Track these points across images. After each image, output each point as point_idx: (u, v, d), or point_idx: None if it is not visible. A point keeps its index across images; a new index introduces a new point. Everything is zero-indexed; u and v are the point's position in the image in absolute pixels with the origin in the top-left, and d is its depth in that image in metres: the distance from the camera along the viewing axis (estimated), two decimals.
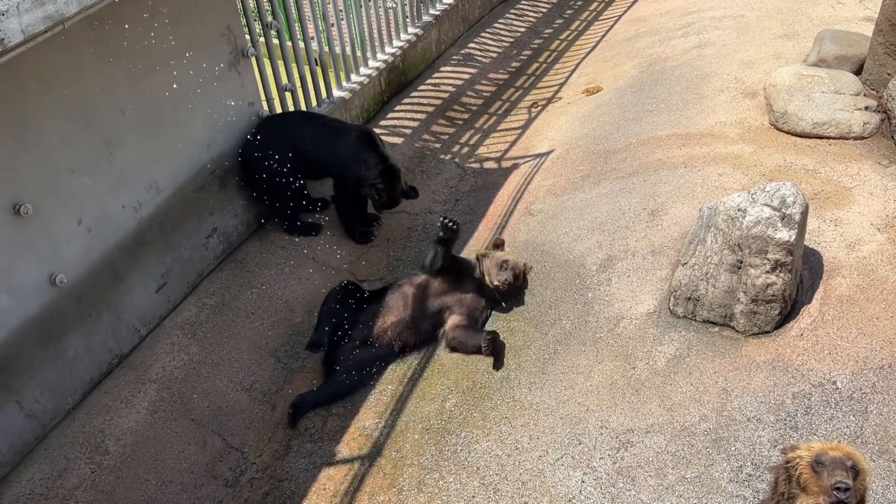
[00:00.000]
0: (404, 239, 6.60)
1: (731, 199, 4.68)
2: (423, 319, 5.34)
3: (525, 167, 7.24)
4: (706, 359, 4.66)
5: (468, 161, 7.65)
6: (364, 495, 4.42)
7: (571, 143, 7.29)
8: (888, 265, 4.80)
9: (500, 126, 8.25)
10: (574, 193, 6.45)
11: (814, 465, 2.94)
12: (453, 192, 7.15)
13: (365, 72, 8.08)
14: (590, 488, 4.21)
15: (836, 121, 6.03)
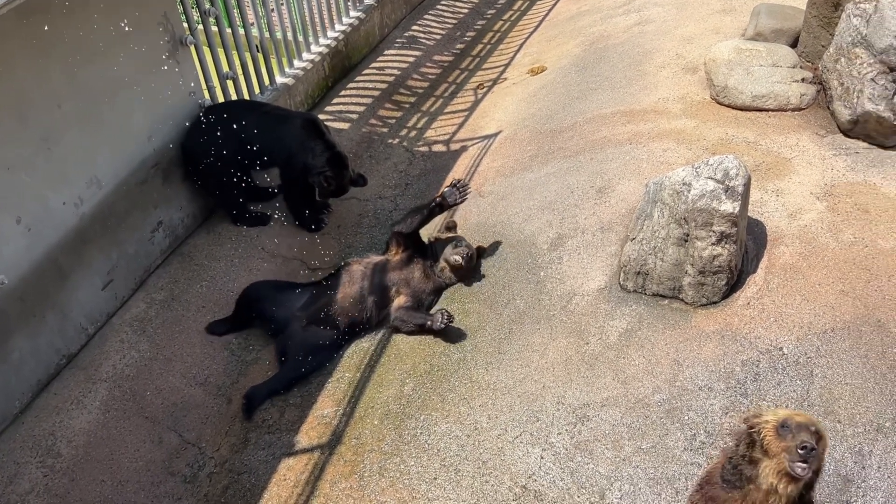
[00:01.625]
0: (356, 225, 6.56)
1: (676, 174, 4.76)
2: (371, 298, 5.34)
3: (473, 149, 7.25)
4: (657, 331, 4.75)
5: (416, 145, 7.63)
6: (325, 483, 4.41)
7: (518, 123, 7.32)
8: (828, 233, 4.95)
9: (447, 108, 8.23)
10: (523, 174, 6.49)
11: (779, 428, 3.00)
12: (403, 177, 7.12)
13: (308, 57, 7.98)
14: (549, 463, 4.27)
15: (774, 93, 6.17)
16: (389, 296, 5.39)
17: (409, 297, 5.37)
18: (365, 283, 5.37)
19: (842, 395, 4.17)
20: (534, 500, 4.12)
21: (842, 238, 4.89)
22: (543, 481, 4.19)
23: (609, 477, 4.14)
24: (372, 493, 4.30)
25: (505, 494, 4.17)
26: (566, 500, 4.09)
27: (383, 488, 4.31)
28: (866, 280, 4.62)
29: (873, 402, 4.12)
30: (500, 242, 5.80)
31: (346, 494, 4.32)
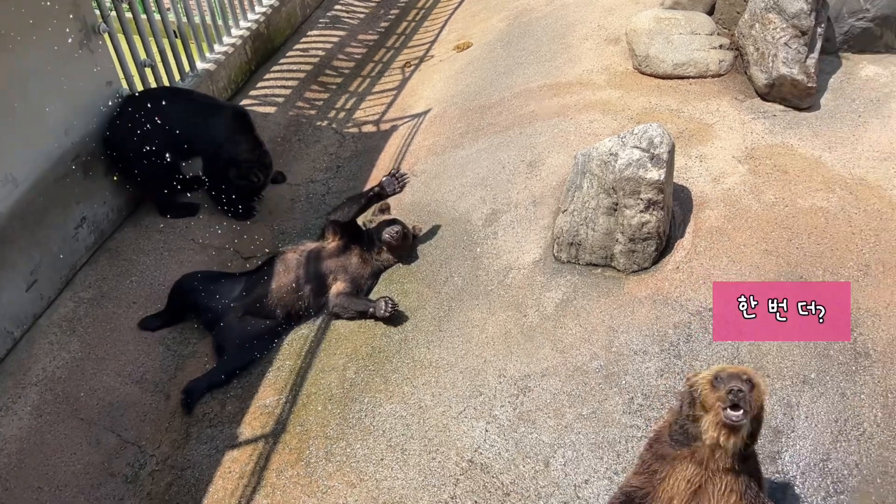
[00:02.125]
0: (288, 211, 6.47)
1: (603, 145, 4.84)
2: (308, 286, 5.29)
3: (404, 128, 7.22)
4: (592, 300, 4.85)
5: (346, 126, 7.55)
6: (272, 473, 4.38)
7: (447, 100, 7.31)
8: (750, 194, 5.11)
9: (375, 88, 8.17)
10: (454, 151, 6.49)
11: (713, 381, 3.12)
12: (334, 160, 7.05)
13: (228, 41, 7.79)
14: (493, 436, 4.33)
15: (694, 61, 6.31)
16: (327, 283, 5.34)
17: (347, 284, 5.34)
18: (301, 271, 5.32)
19: (770, 351, 4.34)
20: (480, 472, 4.18)
21: (763, 199, 5.06)
22: (489, 454, 4.26)
23: (552, 445, 4.23)
24: (319, 479, 4.29)
25: (452, 469, 4.22)
26: (512, 470, 4.16)
27: (330, 473, 4.31)
28: (788, 238, 4.80)
29: (798, 355, 4.30)
30: (436, 221, 5.81)
31: (293, 482, 4.31)
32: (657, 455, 3.34)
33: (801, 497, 3.85)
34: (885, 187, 5.11)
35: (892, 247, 4.73)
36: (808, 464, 3.94)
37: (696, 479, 3.19)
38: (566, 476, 4.10)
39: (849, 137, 5.54)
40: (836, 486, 3.87)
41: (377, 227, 5.56)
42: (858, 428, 4.03)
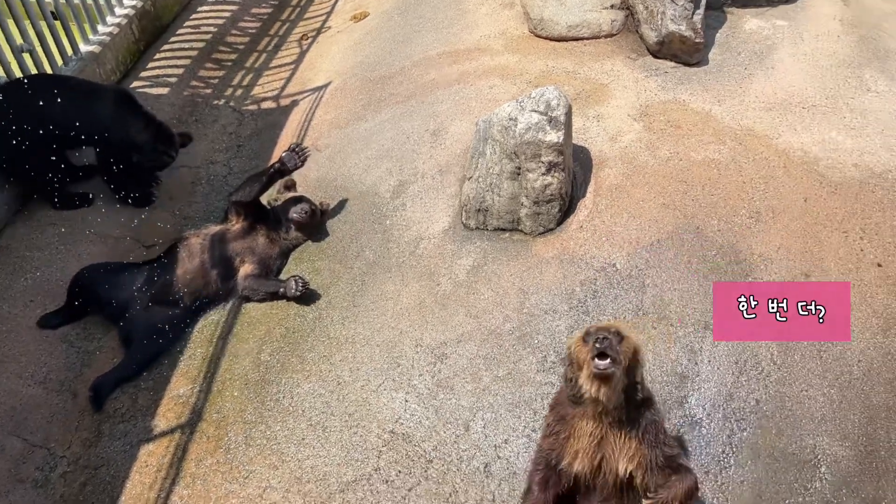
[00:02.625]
0: (189, 195, 6.28)
1: (503, 110, 4.89)
2: (214, 271, 5.17)
3: (305, 103, 7.09)
4: (502, 264, 4.92)
5: (245, 104, 7.36)
6: (190, 463, 4.30)
7: (347, 72, 7.21)
8: (646, 151, 5.27)
9: (273, 63, 7.97)
10: (358, 124, 6.43)
11: (583, 338, 3.26)
12: (234, 139, 6.87)
13: (113, 21, 7.43)
14: (413, 405, 4.37)
15: (587, 22, 6.41)
16: (234, 266, 5.23)
17: (255, 265, 5.24)
18: (206, 255, 5.18)
19: (672, 300, 4.53)
20: (402, 442, 4.23)
21: (659, 155, 5.23)
22: (410, 423, 4.30)
23: (471, 408, 4.31)
24: (240, 464, 4.24)
25: (374, 442, 4.24)
26: (433, 437, 4.22)
27: (251, 458, 4.27)
28: (683, 191, 4.99)
29: (699, 302, 4.50)
30: (343, 196, 5.76)
31: (213, 470, 4.25)
32: (559, 417, 3.46)
33: (709, 437, 4.05)
34: (772, 136, 5.36)
35: (779, 193, 4.97)
36: (713, 405, 4.15)
37: (595, 432, 3.33)
38: (486, 438, 4.19)
39: (736, 90, 5.77)
40: (740, 423, 4.09)
41: (283, 205, 5.47)
42: (757, 367, 4.26)
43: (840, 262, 4.61)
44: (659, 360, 4.29)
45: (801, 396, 4.16)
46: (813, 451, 4.00)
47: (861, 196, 4.96)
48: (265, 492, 4.12)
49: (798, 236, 4.73)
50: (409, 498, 4.00)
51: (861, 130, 5.42)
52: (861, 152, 5.25)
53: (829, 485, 3.90)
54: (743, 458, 3.98)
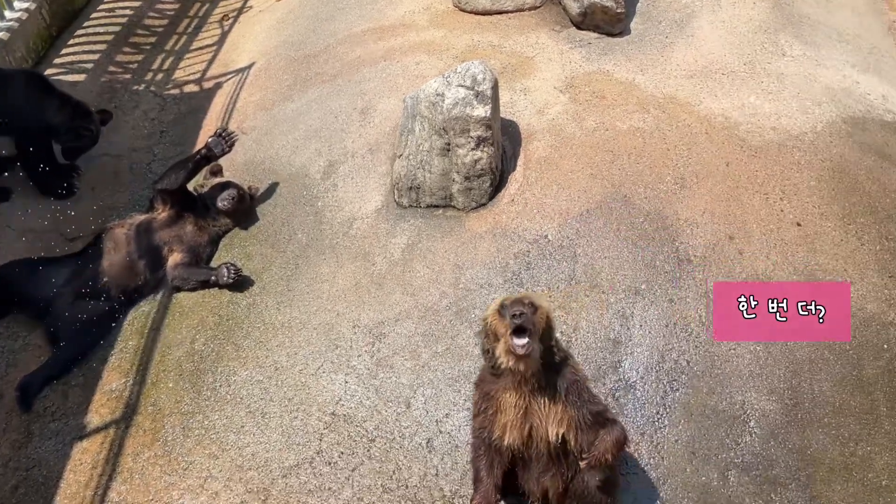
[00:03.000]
0: (113, 184, 6.08)
1: (429, 86, 4.87)
2: (142, 261, 5.04)
3: (229, 85, 6.92)
4: (436, 241, 4.93)
5: (166, 88, 7.14)
6: (127, 458, 4.22)
7: (271, 52, 7.06)
8: (573, 122, 5.33)
9: (194, 45, 7.74)
10: (284, 104, 6.32)
11: (499, 311, 3.30)
12: (156, 125, 6.67)
13: (21, 6, 7.08)
14: (354, 386, 4.37)
15: None
16: (162, 256, 5.10)
17: (184, 254, 5.12)
18: (132, 246, 5.04)
19: (603, 268, 4.61)
20: (344, 423, 4.22)
21: (585, 126, 5.29)
22: (351, 404, 4.30)
23: (412, 386, 4.33)
24: (179, 456, 4.18)
25: (315, 425, 4.23)
26: (375, 416, 4.23)
27: (190, 448, 4.21)
28: (610, 161, 5.07)
29: (629, 269, 4.60)
30: (273, 179, 5.67)
31: (151, 463, 4.17)
32: (484, 395, 3.51)
33: (643, 399, 4.17)
34: (693, 103, 5.48)
35: (702, 158, 5.10)
36: (646, 368, 4.26)
37: (519, 402, 3.39)
38: (427, 413, 4.22)
39: (658, 59, 5.87)
40: (672, 384, 4.22)
41: (210, 191, 5.34)
42: (686, 329, 4.39)
43: (762, 223, 4.76)
44: (592, 328, 4.38)
45: (729, 355, 4.30)
46: (742, 407, 4.15)
47: (780, 158, 5.12)
48: (206, 482, 4.07)
49: (721, 200, 4.86)
50: (352, 478, 4.01)
51: (778, 94, 5.58)
52: (779, 116, 5.41)
53: (758, 438, 4.06)
54: (676, 418, 4.11)
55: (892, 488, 3.96)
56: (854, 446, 4.06)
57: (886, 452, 4.05)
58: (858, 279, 4.55)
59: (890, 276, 4.59)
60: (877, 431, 4.10)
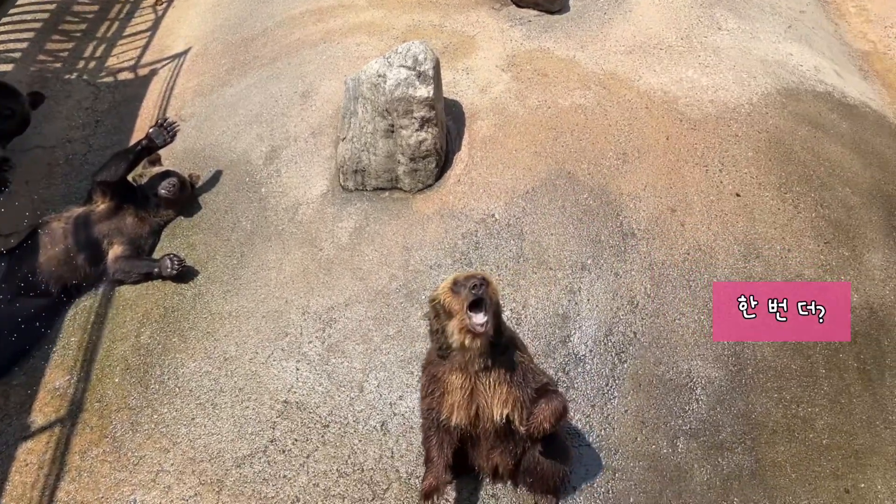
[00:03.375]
0: (47, 177, 5.89)
1: (370, 67, 4.82)
2: (81, 255, 4.90)
3: (165, 71, 6.75)
4: (384, 223, 4.91)
5: (100, 76, 6.92)
6: (75, 456, 4.13)
7: (208, 36, 6.91)
8: (516, 101, 5.35)
9: (127, 31, 7.51)
10: (223, 89, 6.19)
11: (452, 288, 3.27)
12: (91, 114, 6.46)
13: None
14: (306, 373, 4.34)
15: None
16: (102, 249, 4.97)
17: (125, 246, 5.00)
18: (70, 240, 4.90)
19: (549, 245, 4.66)
20: (297, 411, 4.20)
21: (528, 104, 5.32)
22: (303, 391, 4.27)
23: (364, 370, 4.32)
24: (129, 451, 4.11)
25: (268, 414, 4.20)
26: (328, 402, 4.22)
27: (140, 443, 4.14)
28: (553, 138, 5.11)
29: (575, 244, 4.65)
30: (214, 166, 5.56)
31: (100, 461, 4.09)
32: (431, 377, 3.50)
33: (593, 372, 4.23)
34: (633, 78, 5.55)
35: (643, 133, 5.18)
36: (595, 341, 4.33)
37: (465, 383, 3.39)
38: (381, 396, 4.22)
39: (598, 35, 5.92)
40: (620, 356, 4.29)
41: (150, 181, 5.22)
42: (633, 302, 4.46)
43: (702, 194, 4.86)
44: (541, 304, 4.43)
45: (675, 325, 4.40)
46: (689, 376, 4.25)
47: (718, 130, 5.22)
48: (158, 476, 4.01)
49: (663, 173, 4.95)
50: (307, 464, 4.00)
51: (715, 68, 5.69)
52: (716, 89, 5.52)
53: (704, 405, 4.17)
54: (626, 389, 4.19)
55: (832, 447, 4.11)
56: (796, 408, 4.20)
57: (826, 413, 4.20)
58: (795, 246, 4.69)
59: (826, 243, 4.73)
60: (816, 392, 4.25)
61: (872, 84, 6.26)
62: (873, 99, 5.94)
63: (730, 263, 4.60)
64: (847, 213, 4.91)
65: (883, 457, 4.13)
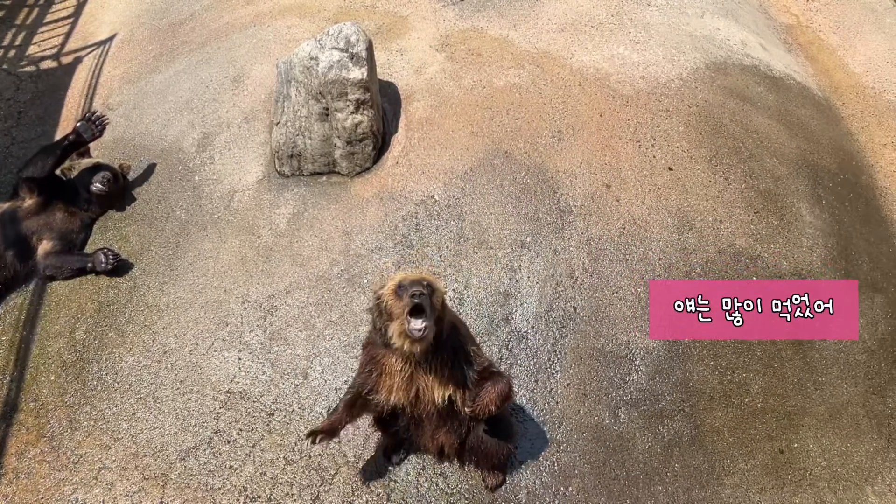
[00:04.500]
0: None
1: (302, 50, 4.76)
2: (9, 252, 4.74)
3: (90, 59, 6.53)
4: (322, 208, 4.87)
5: (20, 66, 6.67)
6: (11, 458, 4.01)
7: (133, 22, 6.71)
8: (451, 81, 5.34)
9: (48, 18, 7.24)
10: (151, 76, 6.03)
11: (396, 291, 3.22)
12: (13, 105, 6.23)
13: None
14: (248, 362, 4.30)
15: None
16: (31, 245, 4.81)
17: (55, 242, 4.84)
18: None
19: (490, 225, 4.69)
20: (241, 400, 4.16)
21: (463, 84, 5.32)
22: (246, 380, 4.23)
23: (307, 356, 4.30)
24: (68, 450, 4.01)
25: (211, 405, 4.15)
26: (272, 390, 4.19)
27: (79, 441, 4.04)
28: (489, 118, 5.12)
29: (514, 223, 4.69)
30: (144, 155, 5.42)
31: (38, 461, 3.99)
32: (371, 357, 3.46)
33: (535, 347, 4.29)
34: (566, 56, 5.59)
35: (577, 111, 5.23)
36: (536, 317, 4.38)
37: (405, 367, 3.37)
38: (326, 382, 4.21)
39: (530, 14, 5.93)
40: (561, 330, 4.36)
41: (80, 176, 5.05)
42: (572, 277, 4.53)
43: (636, 169, 4.95)
44: (483, 283, 4.46)
45: (613, 298, 4.48)
46: (628, 347, 4.35)
47: (650, 106, 5.31)
48: (99, 473, 3.93)
49: (597, 150, 5.01)
50: (253, 454, 3.97)
51: (645, 44, 5.77)
52: (647, 65, 5.60)
53: (644, 375, 4.27)
54: (567, 363, 4.26)
55: (767, 409, 4.26)
56: (731, 374, 4.33)
57: (760, 377, 4.35)
58: (727, 217, 4.82)
59: (755, 213, 4.88)
60: (750, 358, 4.39)
61: (796, 57, 6.44)
62: (797, 71, 6.12)
63: (664, 236, 4.70)
64: (775, 182, 5.06)
65: (814, 417, 4.30)
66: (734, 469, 4.07)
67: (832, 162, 5.39)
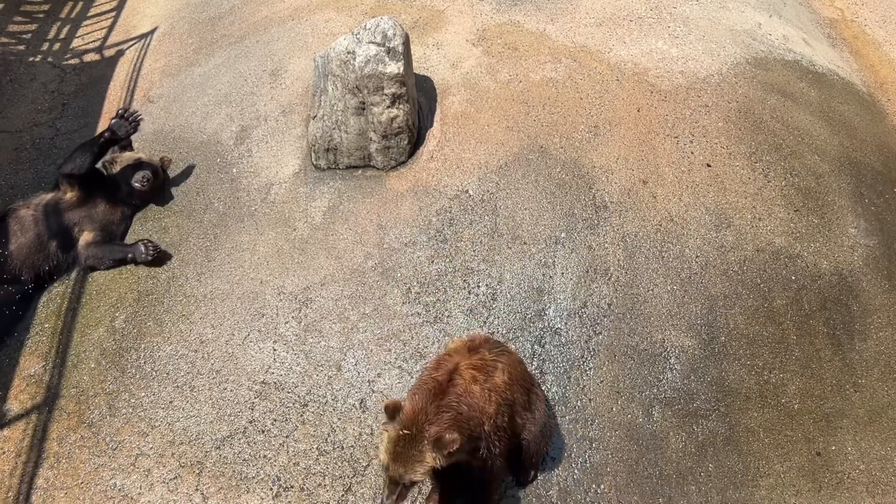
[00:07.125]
0: (14, 162, 5.80)
1: (339, 44, 4.77)
2: (53, 242, 4.85)
3: (131, 52, 6.64)
4: (357, 202, 4.90)
5: (65, 58, 6.80)
6: (52, 443, 4.11)
7: (174, 15, 6.80)
8: (487, 75, 5.33)
9: (91, 11, 7.37)
10: (191, 70, 6.11)
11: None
12: (57, 97, 6.36)
13: None
14: (283, 353, 4.35)
15: None
16: (73, 236, 4.91)
17: (97, 233, 4.94)
18: (40, 227, 4.83)
19: (523, 220, 4.67)
20: (275, 391, 4.21)
21: (499, 78, 5.30)
22: (281, 371, 4.28)
23: (341, 348, 4.33)
24: (107, 437, 4.10)
25: (246, 395, 4.20)
26: (306, 381, 4.23)
27: (118, 428, 4.13)
28: (525, 112, 5.10)
29: (548, 219, 4.67)
30: (184, 148, 5.50)
31: (78, 446, 4.08)
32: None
33: (568, 344, 4.27)
34: (603, 51, 5.54)
35: (614, 105, 5.18)
36: (570, 314, 4.36)
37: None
38: (359, 374, 4.23)
39: (567, 7, 5.89)
40: (595, 327, 4.33)
41: (122, 172, 5.10)
42: (606, 273, 4.50)
43: (673, 165, 4.89)
44: (516, 279, 4.45)
45: (648, 295, 4.44)
46: (662, 345, 4.31)
47: (688, 101, 5.24)
48: (137, 460, 4.01)
49: (634, 145, 4.96)
50: (287, 444, 4.01)
51: (685, 38, 5.69)
52: (686, 59, 5.53)
53: (678, 374, 4.23)
54: (601, 360, 4.24)
55: (803, 411, 4.19)
56: (768, 375, 4.27)
57: (797, 378, 4.28)
58: (766, 215, 4.74)
59: (795, 211, 4.79)
60: (788, 359, 4.32)
61: (840, 52, 6.31)
62: (841, 67, 5.99)
63: (701, 234, 4.64)
64: (816, 180, 4.97)
65: (852, 419, 4.22)
66: (769, 471, 4.01)
67: (876, 160, 5.27)
